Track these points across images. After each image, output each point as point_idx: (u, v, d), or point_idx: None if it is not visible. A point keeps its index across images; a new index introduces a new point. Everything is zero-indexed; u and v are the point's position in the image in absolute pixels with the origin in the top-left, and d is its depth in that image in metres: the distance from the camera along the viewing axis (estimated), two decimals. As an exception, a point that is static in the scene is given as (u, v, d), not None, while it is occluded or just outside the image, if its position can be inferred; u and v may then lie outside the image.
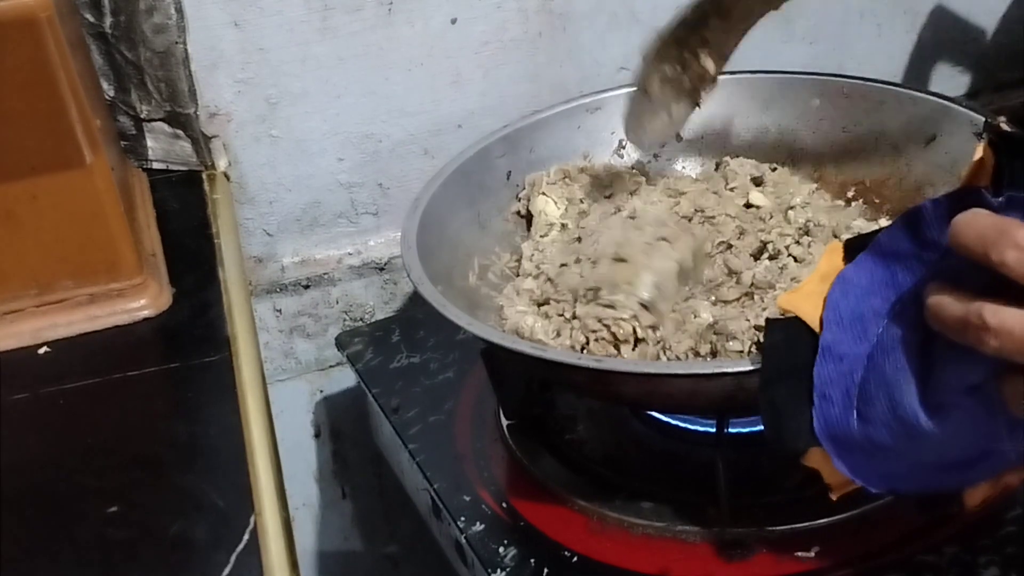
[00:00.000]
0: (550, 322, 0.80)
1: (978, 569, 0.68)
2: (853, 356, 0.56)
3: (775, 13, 1.07)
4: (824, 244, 0.84)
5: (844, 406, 0.56)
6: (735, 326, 0.74)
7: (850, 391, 0.56)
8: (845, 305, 0.57)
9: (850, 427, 0.56)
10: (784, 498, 0.75)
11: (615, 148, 0.95)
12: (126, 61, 0.90)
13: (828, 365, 0.56)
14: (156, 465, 0.66)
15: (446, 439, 0.85)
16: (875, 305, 0.56)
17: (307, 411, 1.11)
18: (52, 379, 0.72)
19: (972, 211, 0.50)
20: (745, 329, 0.74)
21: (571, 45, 1.02)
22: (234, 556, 0.58)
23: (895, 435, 0.55)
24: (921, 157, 0.88)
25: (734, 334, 0.74)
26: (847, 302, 0.56)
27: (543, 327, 0.79)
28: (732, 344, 0.73)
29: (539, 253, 0.87)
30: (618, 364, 0.73)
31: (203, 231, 0.87)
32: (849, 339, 0.56)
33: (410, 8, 0.96)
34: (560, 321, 0.79)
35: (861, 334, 0.56)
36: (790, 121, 0.94)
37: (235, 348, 0.74)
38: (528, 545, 0.75)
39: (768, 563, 0.71)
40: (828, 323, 0.57)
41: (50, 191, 0.73)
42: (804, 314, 0.57)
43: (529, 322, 0.80)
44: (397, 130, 1.00)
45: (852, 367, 0.56)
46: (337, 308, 1.06)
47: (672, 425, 0.81)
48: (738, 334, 0.73)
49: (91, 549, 0.60)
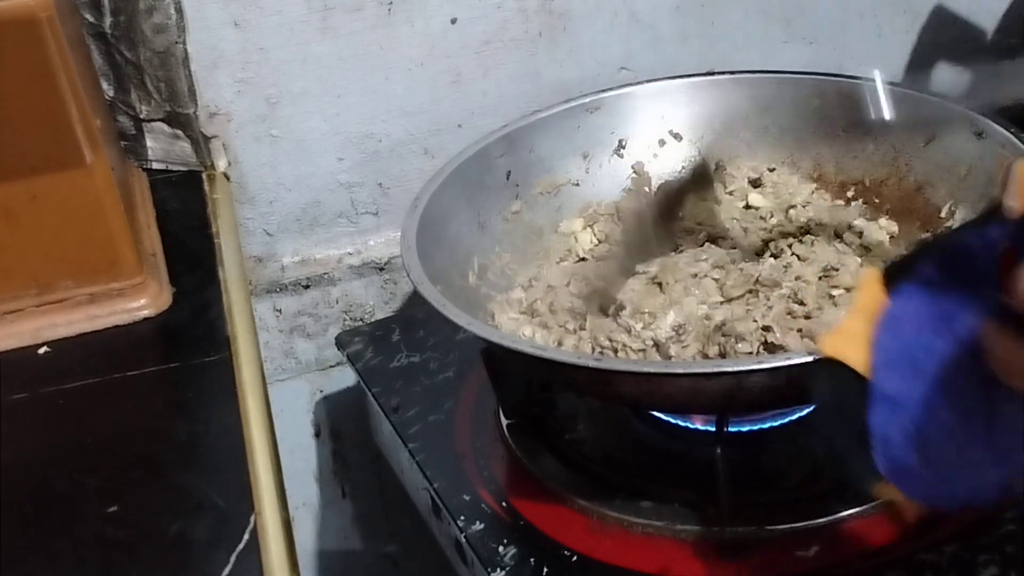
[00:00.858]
0: (550, 333, 0.80)
1: (978, 568, 0.68)
2: (909, 399, 0.54)
3: (775, 13, 1.08)
4: (827, 242, 0.84)
5: (905, 447, 0.55)
6: (743, 327, 0.74)
7: (909, 433, 0.54)
8: (895, 347, 0.54)
9: (914, 465, 0.55)
10: (784, 498, 0.75)
11: (615, 148, 0.95)
12: (126, 61, 0.90)
13: (883, 410, 0.55)
14: (156, 465, 0.66)
15: (446, 439, 0.85)
16: (928, 344, 0.53)
17: (307, 411, 1.11)
18: (52, 379, 0.72)
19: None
20: (753, 330, 0.74)
21: (571, 45, 1.02)
22: (234, 556, 0.58)
23: (961, 472, 0.54)
24: (921, 157, 0.88)
25: (743, 335, 0.73)
26: (897, 343, 0.54)
27: (542, 337, 0.79)
28: (741, 346, 0.73)
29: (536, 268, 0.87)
30: (618, 364, 0.73)
31: (203, 231, 0.87)
32: (903, 382, 0.54)
33: (410, 8, 0.96)
34: (561, 332, 0.80)
35: (915, 376, 0.53)
36: (790, 121, 0.94)
37: (235, 348, 0.74)
38: (528, 544, 0.75)
39: (768, 563, 0.71)
40: (879, 367, 0.54)
41: (50, 191, 0.73)
42: (851, 360, 0.56)
43: (528, 332, 0.80)
44: (397, 130, 1.00)
45: (909, 410, 0.54)
46: (337, 308, 1.06)
47: (672, 424, 0.81)
48: (746, 335, 0.73)
49: (91, 549, 0.60)
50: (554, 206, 0.93)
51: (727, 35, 1.07)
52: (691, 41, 1.06)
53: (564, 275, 0.86)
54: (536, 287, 0.85)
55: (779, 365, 0.65)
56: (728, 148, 0.95)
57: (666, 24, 1.04)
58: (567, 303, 0.81)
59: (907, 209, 0.87)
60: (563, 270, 0.87)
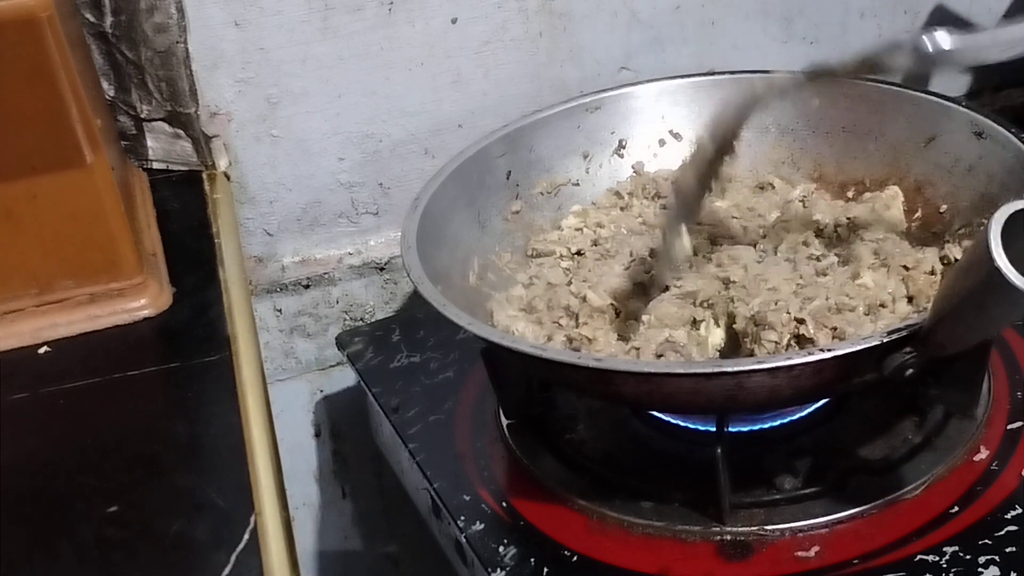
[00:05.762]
0: (542, 328, 0.80)
1: (978, 569, 0.68)
2: None
3: (775, 13, 1.08)
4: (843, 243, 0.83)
5: None
6: (774, 317, 0.74)
7: None
8: None
9: None
10: (784, 498, 0.75)
11: (615, 148, 0.95)
12: (127, 61, 0.90)
13: None
14: (156, 465, 0.66)
15: (446, 439, 0.85)
16: None
17: (307, 411, 1.11)
18: (52, 379, 0.72)
19: None
20: (786, 322, 0.73)
21: (571, 45, 1.02)
22: (234, 556, 0.58)
23: None
24: (921, 157, 0.88)
25: (773, 325, 0.73)
26: None
27: (534, 332, 0.79)
28: (768, 334, 0.73)
29: (537, 267, 0.87)
30: (618, 364, 0.73)
31: (203, 231, 0.87)
32: None
33: (411, 8, 0.96)
34: (553, 327, 0.80)
35: None
36: (790, 121, 0.94)
37: (235, 348, 0.74)
38: (528, 544, 0.75)
39: (768, 563, 0.71)
40: None
41: (50, 191, 0.73)
42: None
43: (520, 327, 0.80)
44: (397, 130, 1.00)
45: None
46: (337, 308, 1.06)
47: (672, 424, 0.81)
48: (777, 326, 0.73)
49: (91, 549, 0.60)
50: (554, 206, 0.93)
51: (727, 35, 1.07)
52: (691, 41, 1.06)
53: (564, 274, 0.86)
54: (537, 285, 0.85)
55: (779, 365, 0.65)
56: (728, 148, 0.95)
57: (666, 24, 1.04)
58: (565, 301, 0.81)
59: (907, 209, 0.87)
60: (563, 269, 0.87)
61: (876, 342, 0.64)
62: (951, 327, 0.63)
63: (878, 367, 0.66)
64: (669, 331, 0.76)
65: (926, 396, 0.79)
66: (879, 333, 0.65)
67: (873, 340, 0.64)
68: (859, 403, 0.80)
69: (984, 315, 0.60)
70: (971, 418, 0.78)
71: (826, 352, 0.64)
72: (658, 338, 0.76)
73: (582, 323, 0.79)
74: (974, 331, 0.63)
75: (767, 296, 0.77)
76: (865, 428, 0.79)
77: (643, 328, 0.77)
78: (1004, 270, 0.56)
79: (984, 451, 0.76)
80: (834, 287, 0.76)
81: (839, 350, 0.64)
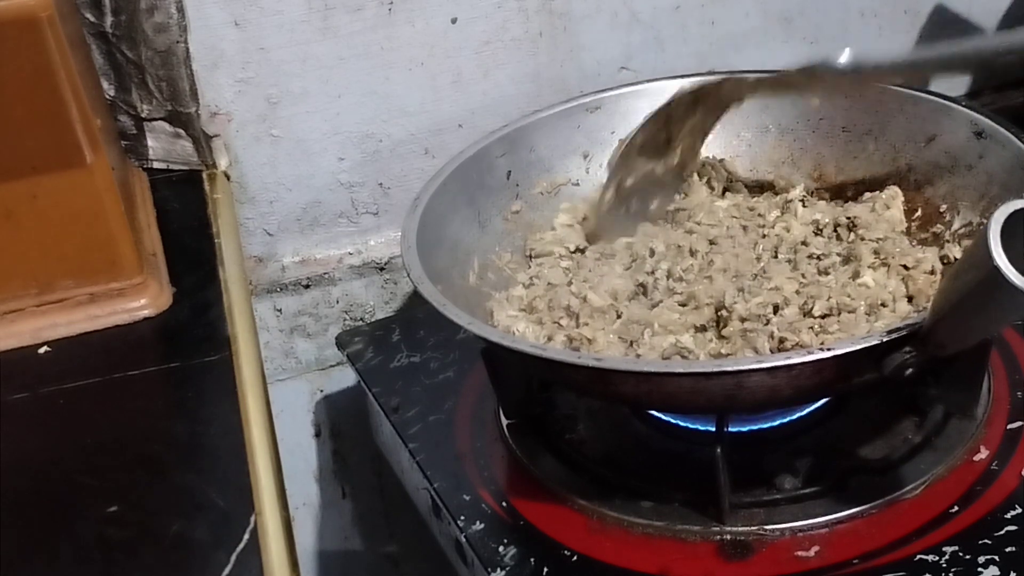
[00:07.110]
0: (542, 328, 0.80)
1: (978, 569, 0.68)
2: None
3: (775, 13, 1.08)
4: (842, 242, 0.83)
5: None
6: (775, 317, 0.74)
7: None
8: None
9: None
10: (784, 498, 0.75)
11: (615, 148, 0.95)
12: (127, 60, 0.90)
13: None
14: (156, 465, 0.66)
15: (446, 439, 0.85)
16: None
17: (307, 411, 1.11)
18: (52, 379, 0.72)
19: None
20: (786, 321, 0.74)
21: (571, 45, 1.02)
22: (234, 556, 0.58)
23: None
24: (921, 157, 0.88)
25: (773, 324, 0.73)
26: None
27: (534, 332, 0.79)
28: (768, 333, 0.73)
29: (537, 267, 0.87)
30: (618, 363, 0.73)
31: (203, 231, 0.87)
32: None
33: (411, 8, 0.96)
34: (553, 327, 0.80)
35: None
36: (790, 121, 0.94)
37: (235, 348, 0.74)
38: (528, 544, 0.75)
39: (768, 563, 0.71)
40: None
41: (50, 191, 0.73)
42: None
43: (520, 327, 0.80)
44: (398, 130, 1.00)
45: None
46: (337, 308, 1.06)
47: (672, 424, 0.81)
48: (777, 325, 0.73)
49: (91, 549, 0.60)
50: (554, 206, 0.93)
51: (727, 35, 1.07)
52: (691, 41, 1.06)
53: (564, 274, 0.86)
54: (537, 285, 0.85)
55: (779, 364, 0.65)
56: (728, 148, 0.95)
57: (666, 24, 1.04)
58: (565, 301, 0.81)
59: (907, 209, 0.87)
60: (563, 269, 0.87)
61: (876, 341, 0.64)
62: (951, 327, 0.63)
63: (878, 367, 0.66)
64: (675, 337, 0.76)
65: (926, 396, 0.79)
66: (879, 332, 0.65)
67: (873, 339, 0.64)
68: (859, 403, 0.80)
69: (984, 315, 0.60)
70: (971, 418, 0.78)
71: (826, 352, 0.64)
72: (663, 344, 0.76)
73: (582, 323, 0.79)
74: (974, 331, 0.63)
75: (768, 296, 0.77)
76: (865, 428, 0.79)
77: (647, 337, 0.77)
78: (1004, 270, 0.56)
79: (984, 451, 0.76)
80: (836, 287, 0.76)
81: (839, 349, 0.64)
